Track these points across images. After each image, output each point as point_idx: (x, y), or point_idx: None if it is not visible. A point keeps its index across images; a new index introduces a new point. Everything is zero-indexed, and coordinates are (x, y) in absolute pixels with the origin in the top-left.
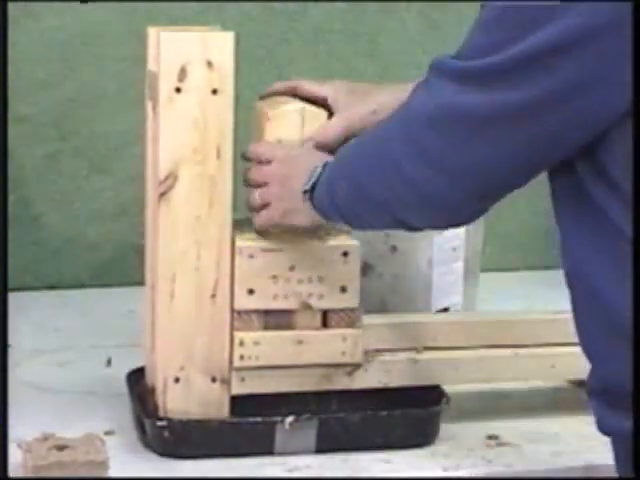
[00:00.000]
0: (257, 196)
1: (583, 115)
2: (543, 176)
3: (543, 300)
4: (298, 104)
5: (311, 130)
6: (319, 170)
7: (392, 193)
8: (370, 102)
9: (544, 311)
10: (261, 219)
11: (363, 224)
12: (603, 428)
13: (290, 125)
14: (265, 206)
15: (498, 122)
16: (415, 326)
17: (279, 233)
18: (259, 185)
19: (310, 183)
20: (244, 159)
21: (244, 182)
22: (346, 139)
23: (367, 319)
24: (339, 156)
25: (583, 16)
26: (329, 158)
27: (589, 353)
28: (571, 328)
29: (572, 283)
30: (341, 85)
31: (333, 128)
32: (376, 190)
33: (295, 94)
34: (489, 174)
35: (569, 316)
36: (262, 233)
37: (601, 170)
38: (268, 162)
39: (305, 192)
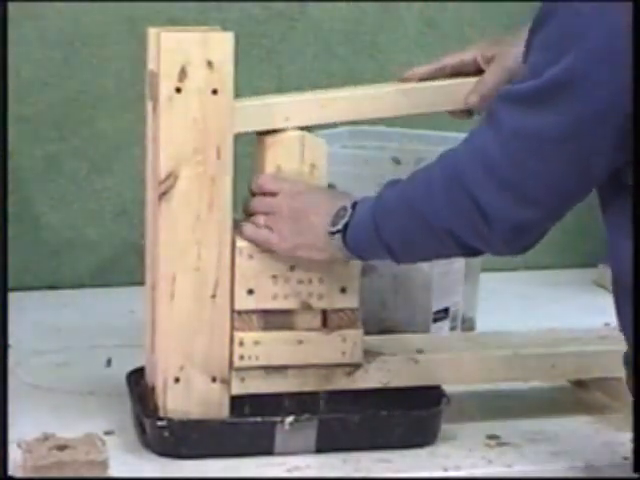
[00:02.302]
0: (262, 221)
1: (621, 129)
2: None
3: (543, 300)
4: (297, 132)
5: (311, 157)
6: (350, 211)
7: (463, 220)
8: (519, 42)
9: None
10: (261, 238)
11: (417, 256)
12: None
13: (290, 152)
14: (268, 229)
15: (548, 142)
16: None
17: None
18: (263, 213)
19: (341, 223)
20: (251, 193)
21: (244, 212)
22: (505, 82)
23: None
24: (386, 194)
25: (601, 39)
26: (350, 197)
27: (624, 328)
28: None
29: (617, 278)
30: (484, 42)
31: (491, 75)
32: (443, 218)
33: (442, 73)
34: (557, 190)
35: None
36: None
37: None
38: (272, 194)
39: (333, 233)
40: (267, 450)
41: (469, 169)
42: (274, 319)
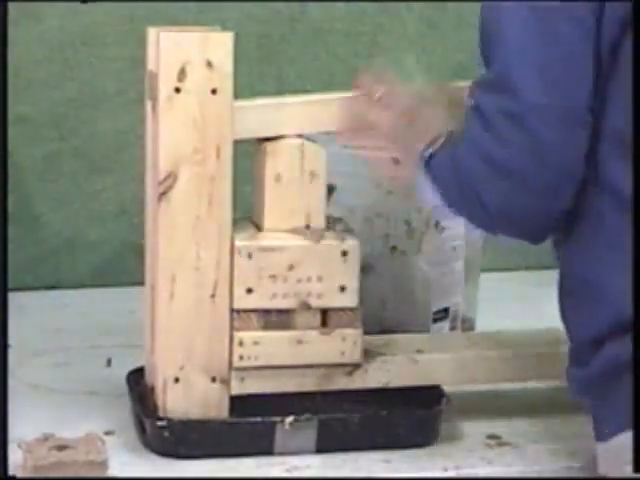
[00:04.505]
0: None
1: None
2: None
3: (543, 300)
4: (297, 139)
5: (311, 164)
6: (442, 139)
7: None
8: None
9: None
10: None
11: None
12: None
13: (290, 160)
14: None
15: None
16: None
17: (280, 231)
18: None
19: (429, 151)
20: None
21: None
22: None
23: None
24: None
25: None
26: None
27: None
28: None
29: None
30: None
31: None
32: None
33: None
34: (549, 163)
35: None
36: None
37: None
38: (384, 105)
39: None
40: (267, 450)
41: (470, 165)
42: (273, 318)
